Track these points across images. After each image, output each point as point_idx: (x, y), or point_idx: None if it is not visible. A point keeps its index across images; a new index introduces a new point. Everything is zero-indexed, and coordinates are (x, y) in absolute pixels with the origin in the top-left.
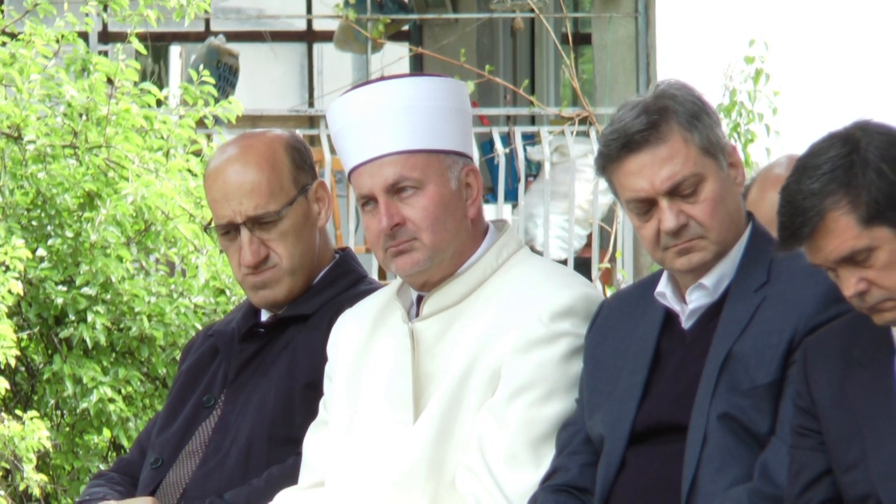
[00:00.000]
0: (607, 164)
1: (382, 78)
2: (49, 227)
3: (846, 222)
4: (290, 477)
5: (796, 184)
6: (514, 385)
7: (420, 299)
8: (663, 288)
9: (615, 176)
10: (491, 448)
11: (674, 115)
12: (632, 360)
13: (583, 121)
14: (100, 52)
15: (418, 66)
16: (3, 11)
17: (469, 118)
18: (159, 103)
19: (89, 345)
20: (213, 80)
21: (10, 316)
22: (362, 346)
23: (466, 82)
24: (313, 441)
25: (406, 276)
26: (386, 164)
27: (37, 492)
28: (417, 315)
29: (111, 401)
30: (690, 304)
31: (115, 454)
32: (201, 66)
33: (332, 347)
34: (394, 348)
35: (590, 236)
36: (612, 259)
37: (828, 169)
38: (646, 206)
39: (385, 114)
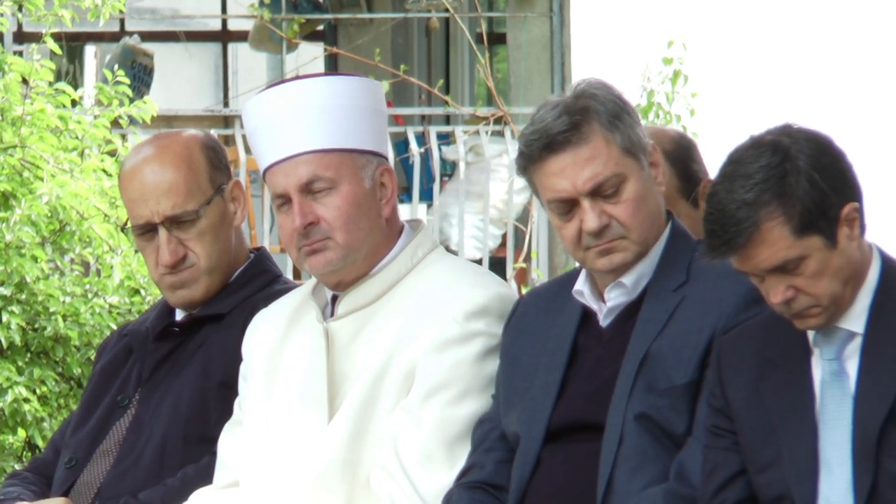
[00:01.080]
0: (528, 164)
1: (298, 77)
2: None
3: (780, 233)
4: (205, 476)
5: (727, 193)
6: (429, 385)
7: (335, 299)
8: (581, 286)
9: (536, 176)
10: (406, 448)
11: (595, 115)
12: (548, 358)
13: (497, 120)
14: (14, 53)
15: (333, 66)
16: None
17: (384, 118)
18: (74, 103)
19: (4, 345)
20: (127, 80)
21: None
22: (277, 345)
23: (381, 82)
24: (228, 441)
25: (320, 276)
26: (300, 163)
27: None
28: (332, 315)
29: (26, 401)
30: (609, 303)
31: (30, 454)
32: (116, 66)
33: (246, 347)
34: (308, 348)
35: (504, 236)
36: (527, 258)
37: (761, 178)
38: (567, 207)
39: (300, 113)
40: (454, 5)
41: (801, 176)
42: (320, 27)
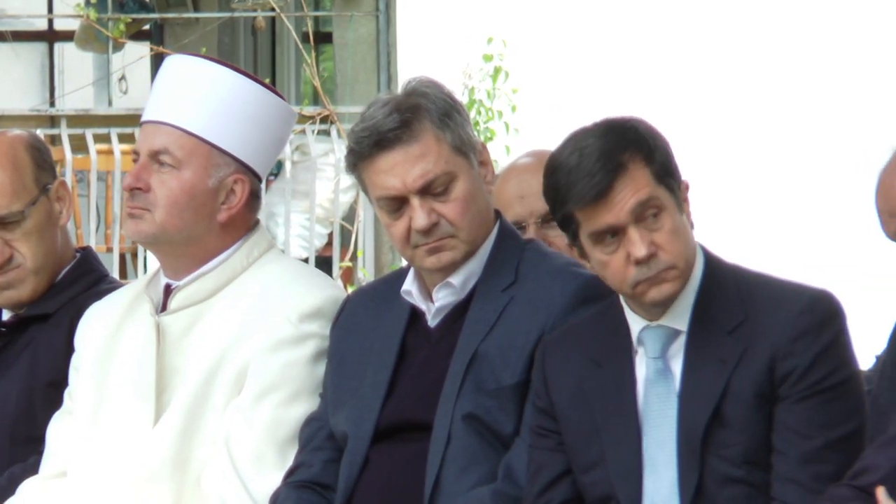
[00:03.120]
0: (358, 161)
1: (218, 60)
2: None
3: (643, 173)
4: (32, 475)
5: (580, 150)
6: (262, 385)
7: (168, 294)
8: (409, 286)
9: (366, 174)
10: (238, 448)
11: (426, 113)
12: (377, 357)
13: (324, 119)
14: None
15: (159, 66)
16: None
17: (276, 139)
18: None
19: None
20: None
21: None
22: (110, 338)
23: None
24: (57, 430)
25: (134, 240)
26: (161, 131)
27: None
28: (165, 309)
29: None
30: (437, 303)
31: None
32: None
33: (79, 339)
34: (140, 341)
35: (331, 235)
36: (354, 258)
37: (614, 136)
38: (397, 205)
39: (193, 89)
40: (280, 4)
41: (650, 137)
42: (147, 26)
